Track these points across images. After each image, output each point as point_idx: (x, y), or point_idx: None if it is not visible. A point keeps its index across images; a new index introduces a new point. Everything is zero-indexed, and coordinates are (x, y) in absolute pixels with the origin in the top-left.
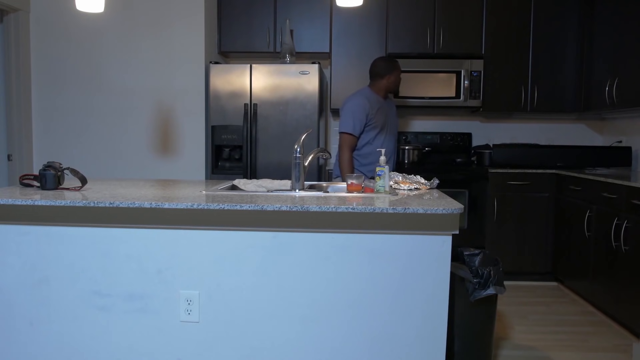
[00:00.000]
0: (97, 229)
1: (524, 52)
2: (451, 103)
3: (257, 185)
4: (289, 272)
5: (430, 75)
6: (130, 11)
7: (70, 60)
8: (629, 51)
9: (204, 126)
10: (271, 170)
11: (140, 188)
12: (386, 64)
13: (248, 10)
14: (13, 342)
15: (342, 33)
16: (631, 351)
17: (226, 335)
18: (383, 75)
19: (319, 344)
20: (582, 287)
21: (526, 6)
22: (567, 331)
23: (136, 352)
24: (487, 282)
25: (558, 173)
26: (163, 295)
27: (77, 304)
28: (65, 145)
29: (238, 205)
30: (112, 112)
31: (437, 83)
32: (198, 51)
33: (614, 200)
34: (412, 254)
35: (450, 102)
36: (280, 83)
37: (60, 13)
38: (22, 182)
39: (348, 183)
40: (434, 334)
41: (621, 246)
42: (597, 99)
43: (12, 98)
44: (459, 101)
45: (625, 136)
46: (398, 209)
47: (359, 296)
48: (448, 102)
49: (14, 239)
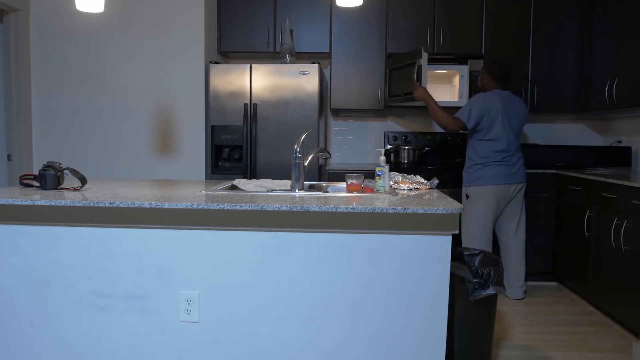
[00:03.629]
0: (97, 229)
1: (524, 52)
2: (451, 103)
3: (257, 185)
4: (289, 272)
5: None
6: (130, 11)
7: (70, 60)
8: (629, 51)
9: (204, 126)
10: (271, 170)
11: (140, 188)
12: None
13: (248, 10)
14: (13, 342)
15: (342, 33)
16: (631, 351)
17: (226, 335)
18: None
19: (318, 344)
20: (582, 287)
21: (526, 6)
22: (567, 331)
23: (136, 352)
24: (487, 282)
25: (558, 173)
26: (163, 295)
27: (77, 304)
28: (65, 145)
29: (238, 205)
30: (112, 112)
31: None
32: (198, 51)
33: (614, 200)
34: (412, 254)
35: (450, 102)
36: (280, 83)
37: (60, 13)
38: (22, 182)
39: (348, 183)
40: (434, 334)
41: (621, 246)
42: (597, 99)
43: (12, 98)
44: (458, 101)
45: (625, 136)
46: (398, 209)
47: (359, 296)
48: (448, 102)
49: (14, 239)
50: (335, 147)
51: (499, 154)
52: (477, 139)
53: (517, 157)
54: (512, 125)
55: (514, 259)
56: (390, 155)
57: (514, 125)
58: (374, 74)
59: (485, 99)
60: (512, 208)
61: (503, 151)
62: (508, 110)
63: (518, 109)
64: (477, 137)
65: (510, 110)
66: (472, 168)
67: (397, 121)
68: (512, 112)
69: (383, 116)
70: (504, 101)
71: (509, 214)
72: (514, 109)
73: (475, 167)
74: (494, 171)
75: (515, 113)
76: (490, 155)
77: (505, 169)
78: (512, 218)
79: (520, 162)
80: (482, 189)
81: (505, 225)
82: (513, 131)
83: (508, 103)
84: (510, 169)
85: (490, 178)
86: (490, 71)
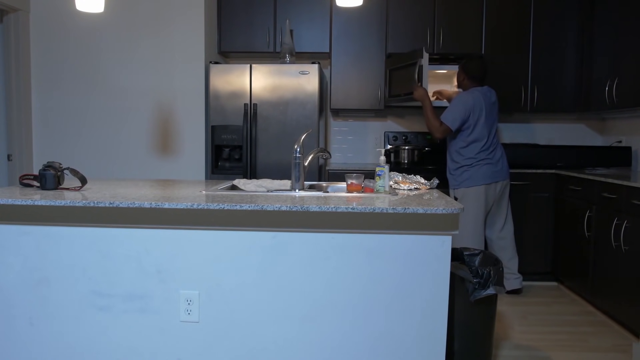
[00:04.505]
0: (97, 229)
1: (524, 52)
2: None
3: (257, 185)
4: (289, 272)
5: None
6: (130, 11)
7: (70, 60)
8: (629, 51)
9: (204, 126)
10: (271, 170)
11: (140, 188)
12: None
13: (248, 10)
14: (13, 342)
15: (342, 33)
16: (631, 351)
17: (226, 335)
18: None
19: (319, 344)
20: (582, 287)
21: (526, 6)
22: (567, 331)
23: (136, 352)
24: (487, 282)
25: (558, 173)
26: (163, 295)
27: (77, 304)
28: (65, 145)
29: (238, 205)
30: (112, 112)
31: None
32: (198, 51)
33: (614, 200)
34: (412, 254)
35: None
36: (280, 83)
37: (60, 13)
38: (22, 182)
39: (348, 183)
40: (434, 334)
41: (621, 246)
42: (597, 99)
43: (12, 98)
44: None
45: (625, 136)
46: (398, 209)
47: (359, 296)
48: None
49: (14, 239)
50: (335, 147)
51: (483, 153)
52: (461, 139)
53: (500, 154)
54: (493, 121)
55: (506, 253)
56: (390, 155)
57: (492, 121)
58: (374, 74)
59: (468, 99)
60: (499, 204)
61: (486, 149)
62: (489, 107)
63: (495, 104)
64: (461, 137)
65: (491, 106)
66: (458, 170)
67: (397, 121)
68: (492, 108)
69: (383, 116)
70: (485, 98)
71: (495, 210)
72: (493, 104)
73: (461, 169)
74: (481, 171)
75: (494, 108)
76: (475, 155)
77: (491, 167)
78: (499, 214)
79: (503, 158)
80: (470, 190)
81: (492, 221)
82: (494, 127)
83: (488, 99)
84: (494, 167)
85: (478, 178)
86: (465, 70)
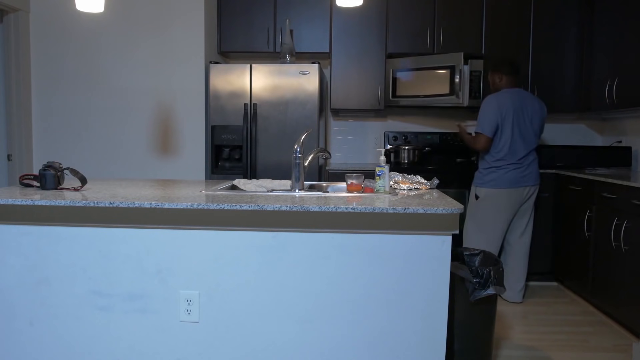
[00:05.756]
0: (96, 229)
1: (524, 52)
2: (451, 103)
3: (257, 185)
4: (289, 272)
5: (430, 75)
6: (130, 11)
7: (70, 60)
8: (629, 51)
9: (204, 126)
10: (271, 170)
11: (140, 188)
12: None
13: (248, 10)
14: (13, 342)
15: (342, 33)
16: (631, 351)
17: (226, 335)
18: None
19: (318, 344)
20: (582, 287)
21: (526, 6)
22: (567, 331)
23: (136, 352)
24: (487, 282)
25: (558, 173)
26: (163, 295)
27: (77, 304)
28: (65, 145)
29: (238, 205)
30: (112, 112)
31: (438, 83)
32: (198, 51)
33: (614, 200)
34: (412, 254)
35: (451, 102)
36: (280, 83)
37: (60, 13)
38: (22, 182)
39: (348, 183)
40: (434, 334)
41: (621, 246)
42: (597, 99)
43: (12, 98)
44: (459, 101)
45: (625, 136)
46: (398, 209)
47: (359, 296)
48: (448, 102)
49: (14, 239)
50: (335, 147)
51: (511, 156)
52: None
53: (531, 159)
54: (526, 125)
55: (518, 261)
56: (390, 155)
57: (527, 125)
58: (374, 74)
59: (492, 100)
60: (523, 211)
61: (515, 153)
62: (520, 109)
63: (534, 108)
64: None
65: (523, 109)
66: (486, 170)
67: (397, 121)
68: (526, 112)
69: (383, 116)
70: (515, 100)
71: (518, 216)
72: (528, 108)
73: (489, 170)
74: (508, 175)
75: (530, 112)
76: (504, 158)
77: (519, 172)
78: (520, 220)
79: (533, 164)
80: (494, 191)
81: (514, 225)
82: (527, 131)
83: (520, 102)
84: (523, 171)
85: (503, 182)
86: (498, 69)
